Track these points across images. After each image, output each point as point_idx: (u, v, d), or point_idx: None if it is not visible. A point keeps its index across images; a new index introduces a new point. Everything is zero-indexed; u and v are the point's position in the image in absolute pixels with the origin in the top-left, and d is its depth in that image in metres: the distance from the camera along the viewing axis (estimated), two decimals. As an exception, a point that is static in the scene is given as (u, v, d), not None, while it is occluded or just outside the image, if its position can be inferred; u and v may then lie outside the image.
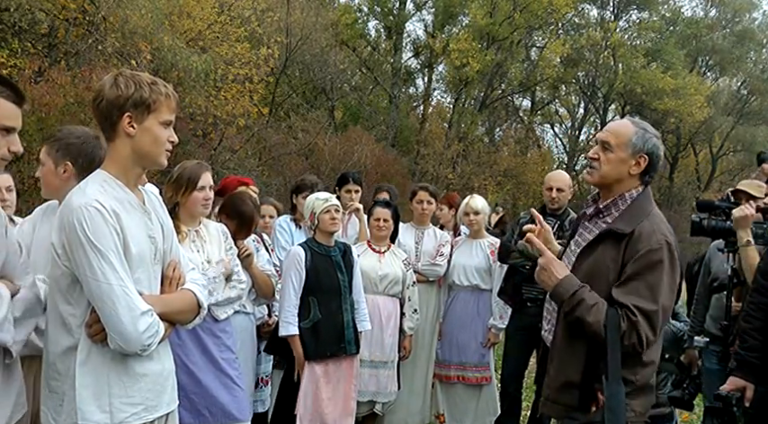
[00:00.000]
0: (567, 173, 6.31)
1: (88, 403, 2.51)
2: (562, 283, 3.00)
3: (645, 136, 3.09)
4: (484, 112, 27.25)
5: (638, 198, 3.11)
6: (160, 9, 14.12)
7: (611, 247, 3.00)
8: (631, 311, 2.87)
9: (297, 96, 22.18)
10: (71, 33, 13.82)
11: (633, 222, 3.00)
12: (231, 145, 16.77)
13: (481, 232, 6.27)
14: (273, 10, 18.56)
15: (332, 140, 19.04)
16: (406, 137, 24.51)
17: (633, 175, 3.10)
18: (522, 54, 27.74)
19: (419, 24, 28.34)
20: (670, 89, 27.10)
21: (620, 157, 3.08)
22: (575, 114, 32.91)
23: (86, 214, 2.47)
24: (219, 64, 15.68)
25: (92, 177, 2.66)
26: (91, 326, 2.53)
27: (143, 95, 2.59)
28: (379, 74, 25.50)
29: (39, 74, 12.77)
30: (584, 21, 30.23)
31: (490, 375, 6.18)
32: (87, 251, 2.46)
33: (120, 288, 2.49)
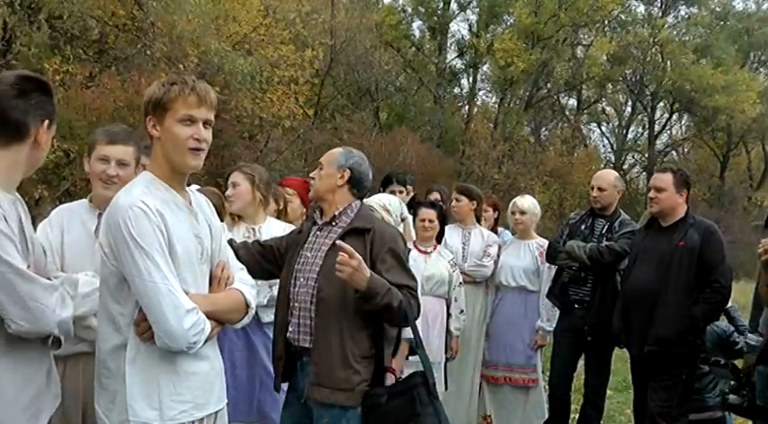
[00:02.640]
0: (615, 173, 6.21)
1: (138, 400, 2.55)
2: (373, 279, 3.34)
3: (347, 155, 3.72)
4: (529, 112, 27.05)
5: (362, 208, 3.72)
6: (207, 13, 14.27)
7: (355, 240, 3.47)
8: (412, 288, 3.53)
9: (342, 97, 22.25)
10: (121, 39, 14.08)
11: (367, 221, 3.61)
12: (277, 146, 16.90)
13: (529, 232, 6.22)
14: (318, 12, 18.63)
15: (377, 141, 19.05)
16: (451, 138, 24.43)
17: (341, 186, 3.66)
18: (568, 52, 27.45)
19: (463, 24, 28.24)
20: (720, 85, 26.55)
21: (328, 172, 3.68)
22: (622, 113, 32.51)
23: (131, 213, 2.51)
24: (265, 66, 15.81)
25: (138, 178, 2.72)
26: (139, 324, 2.56)
27: (157, 96, 2.63)
28: (423, 74, 25.47)
29: (90, 79, 13.03)
30: (630, 17, 29.77)
31: (537, 377, 6.12)
32: (132, 251, 2.50)
33: (165, 287, 2.51)
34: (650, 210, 5.19)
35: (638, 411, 5.28)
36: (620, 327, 5.17)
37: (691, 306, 4.81)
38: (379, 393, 3.42)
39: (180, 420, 2.61)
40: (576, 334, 5.70)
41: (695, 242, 4.86)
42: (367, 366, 3.44)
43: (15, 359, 2.48)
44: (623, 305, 5.16)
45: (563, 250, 5.68)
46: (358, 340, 3.43)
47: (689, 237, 4.90)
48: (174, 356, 2.60)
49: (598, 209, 5.80)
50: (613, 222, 5.69)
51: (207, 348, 2.70)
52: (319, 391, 3.41)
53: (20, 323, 2.39)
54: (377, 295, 3.31)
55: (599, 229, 5.72)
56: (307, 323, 3.52)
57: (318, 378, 3.42)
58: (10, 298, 2.37)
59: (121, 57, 14.08)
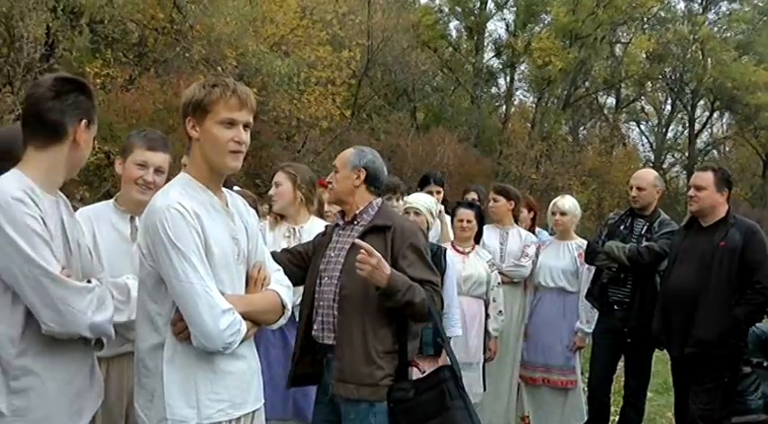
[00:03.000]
0: (654, 172, 6.14)
1: (176, 399, 2.59)
2: (394, 276, 3.37)
3: (360, 155, 3.73)
4: (567, 111, 26.81)
5: (383, 205, 3.74)
6: (245, 16, 14.39)
7: (375, 238, 3.53)
8: (434, 284, 3.57)
9: (379, 98, 22.26)
10: (160, 42, 14.26)
11: (388, 219, 3.63)
12: (315, 147, 16.97)
13: (568, 233, 6.18)
14: (355, 13, 18.67)
15: (414, 141, 19.04)
16: (488, 137, 24.33)
17: (358, 186, 3.69)
18: (607, 51, 27.15)
19: (500, 24, 28.16)
20: (763, 82, 26.04)
21: (343, 174, 3.71)
22: (661, 111, 32.08)
23: (168, 215, 2.54)
24: (302, 67, 15.88)
25: (175, 180, 2.75)
26: (175, 324, 2.60)
27: (198, 98, 2.66)
28: (460, 74, 25.38)
29: (130, 82, 13.21)
30: (670, 14, 29.33)
31: (576, 379, 6.08)
32: (169, 252, 2.53)
33: (202, 288, 2.54)
34: (690, 209, 5.12)
35: (680, 414, 5.22)
36: (660, 329, 5.11)
37: (732, 308, 4.75)
38: (405, 387, 3.47)
39: (217, 419, 2.64)
40: (615, 336, 5.65)
41: (736, 243, 4.79)
42: (390, 362, 3.48)
43: (56, 358, 2.53)
44: (663, 307, 5.10)
45: (602, 250, 5.63)
46: (381, 336, 3.48)
47: (730, 237, 4.83)
48: (212, 355, 2.63)
49: (637, 209, 5.74)
50: (653, 222, 5.63)
51: (244, 348, 2.73)
52: (344, 387, 3.47)
53: (50, 325, 2.44)
54: (397, 292, 3.35)
55: (638, 229, 5.66)
56: (330, 321, 3.59)
57: (342, 374, 3.48)
58: (42, 301, 2.42)
59: (160, 60, 14.26)
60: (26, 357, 2.46)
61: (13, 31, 11.31)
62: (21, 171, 2.53)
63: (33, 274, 2.40)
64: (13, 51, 11.44)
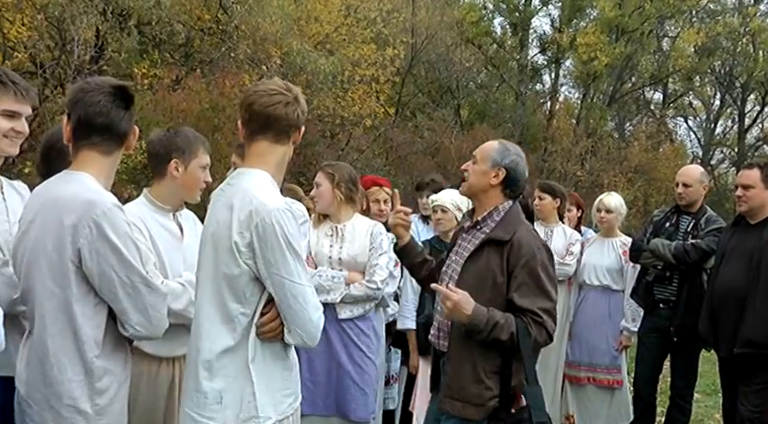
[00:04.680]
0: (700, 168, 6.05)
1: (265, 397, 2.65)
2: (475, 314, 3.21)
3: (504, 153, 3.45)
4: (613, 107, 26.49)
5: (510, 211, 3.46)
6: (289, 15, 14.49)
7: (494, 253, 3.34)
8: (536, 313, 3.25)
9: (423, 95, 22.23)
10: (206, 42, 14.42)
11: (509, 230, 3.36)
12: (358, 145, 17.01)
13: (613, 230, 6.13)
14: (399, 10, 18.66)
15: (458, 139, 18.98)
16: (533, 134, 24.13)
17: (494, 186, 3.45)
18: (654, 45, 26.76)
19: (545, 19, 27.82)
20: (815, 76, 25.50)
21: (482, 169, 3.46)
22: (710, 106, 31.45)
23: (285, 216, 2.61)
24: (346, 65, 15.93)
25: (262, 179, 2.73)
26: (266, 324, 2.64)
27: (304, 111, 2.78)
28: (505, 71, 25.22)
29: (176, 82, 13.39)
30: (720, 7, 28.73)
31: (621, 379, 6.03)
32: (285, 252, 2.59)
33: (310, 289, 2.67)
34: (739, 210, 5.03)
35: (728, 416, 5.14)
36: (707, 329, 5.03)
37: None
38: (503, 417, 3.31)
39: (287, 413, 2.74)
40: (661, 335, 5.60)
41: None
42: (497, 382, 3.31)
43: (120, 357, 2.68)
44: (711, 306, 5.02)
45: (647, 248, 5.58)
46: (488, 355, 3.30)
47: (779, 234, 4.75)
48: (284, 352, 2.72)
49: (683, 206, 5.67)
50: (699, 219, 5.56)
51: None
52: (452, 403, 3.38)
53: (138, 329, 2.59)
54: (480, 331, 3.21)
55: (684, 226, 5.60)
56: (445, 329, 3.51)
57: (450, 391, 3.39)
58: (135, 306, 2.56)
59: (206, 60, 14.41)
60: (104, 358, 2.58)
61: (65, 35, 11.54)
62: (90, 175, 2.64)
63: (132, 281, 2.54)
64: (64, 54, 11.68)
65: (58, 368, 2.53)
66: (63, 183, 2.62)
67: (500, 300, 3.30)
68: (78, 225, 2.49)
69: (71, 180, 2.62)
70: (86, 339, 2.53)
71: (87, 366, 2.54)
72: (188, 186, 3.38)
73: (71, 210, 2.51)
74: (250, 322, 2.64)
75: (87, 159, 2.66)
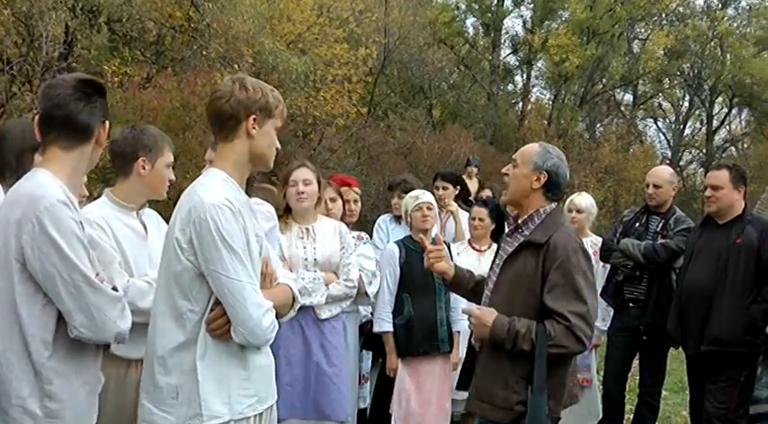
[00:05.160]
0: (669, 169, 6.12)
1: (210, 395, 2.61)
2: (495, 328, 3.19)
3: (545, 156, 3.36)
4: (584, 108, 26.69)
5: (550, 214, 3.38)
6: (261, 14, 14.41)
7: (530, 256, 3.26)
8: (564, 317, 3.12)
9: (395, 95, 22.23)
10: (177, 40, 14.31)
11: (547, 233, 3.27)
12: (330, 144, 16.97)
13: (584, 231, 6.17)
14: (371, 10, 18.65)
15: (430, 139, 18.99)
16: (504, 135, 24.23)
17: (536, 190, 3.36)
18: (624, 47, 27.03)
19: (517, 20, 27.94)
20: (783, 79, 25.87)
21: (523, 173, 3.38)
22: (679, 108, 31.81)
23: (220, 211, 2.58)
24: (319, 65, 15.88)
25: (212, 175, 2.74)
26: (213, 321, 2.62)
27: (268, 100, 2.73)
28: (477, 71, 25.31)
29: (147, 80, 13.26)
30: (689, 10, 29.08)
31: (591, 377, 6.07)
32: (221, 248, 2.56)
33: (250, 286, 2.61)
34: (708, 210, 5.09)
35: (695, 413, 5.21)
36: (675, 327, 5.10)
37: (749, 306, 4.72)
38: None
39: (247, 414, 2.69)
40: (630, 333, 5.65)
41: (753, 240, 4.76)
42: (525, 387, 3.21)
43: (80, 360, 2.59)
44: (679, 305, 5.08)
45: (617, 248, 5.62)
46: (517, 360, 3.21)
47: (747, 234, 4.80)
48: (243, 351, 2.68)
49: (653, 207, 5.73)
50: (668, 219, 5.62)
51: None
52: (479, 405, 3.36)
53: (81, 330, 2.49)
54: (502, 343, 3.18)
55: (654, 226, 5.65)
56: None
57: (478, 392, 3.37)
58: (78, 306, 2.47)
59: (178, 58, 14.29)
60: (56, 360, 2.51)
61: (33, 30, 11.39)
62: (50, 171, 2.57)
63: (74, 279, 2.45)
64: (32, 50, 11.52)
65: (6, 366, 2.47)
66: (23, 181, 2.58)
67: (535, 303, 3.22)
68: (22, 221, 2.43)
69: (30, 177, 2.57)
70: (32, 339, 2.46)
71: (36, 367, 2.47)
72: (154, 184, 3.37)
73: (17, 206, 2.46)
74: (200, 320, 2.63)
75: (50, 155, 2.61)
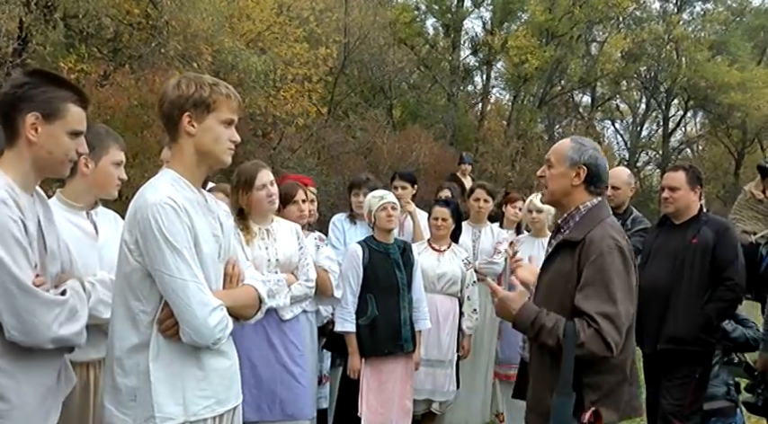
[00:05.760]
0: (627, 170, 6.19)
1: (163, 396, 2.59)
2: (520, 315, 3.07)
3: (581, 150, 3.21)
4: (543, 109, 26.91)
5: (591, 209, 3.22)
6: (221, 12, 14.31)
7: (567, 256, 3.13)
8: (593, 318, 2.94)
9: (355, 95, 22.22)
10: (135, 38, 14.12)
11: (584, 230, 3.11)
12: (290, 144, 16.89)
13: (543, 230, 6.21)
14: (332, 10, 18.62)
15: (390, 139, 19.01)
16: (464, 135, 24.34)
17: (577, 186, 3.21)
18: (582, 49, 27.30)
19: (477, 22, 28.17)
20: (736, 82, 26.29)
21: (560, 171, 3.22)
22: (636, 110, 32.28)
23: (161, 210, 2.55)
24: (279, 64, 15.82)
25: (161, 175, 2.73)
26: (163, 322, 2.59)
27: (203, 95, 2.67)
28: (437, 72, 25.38)
29: (104, 77, 13.08)
30: (645, 14, 29.51)
31: (551, 375, 6.12)
32: (162, 247, 2.53)
33: (194, 284, 2.56)
34: (664, 211, 5.15)
35: (651, 410, 5.26)
36: (632, 325, 5.15)
37: (704, 305, 4.80)
38: None
39: (203, 416, 2.67)
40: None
41: (708, 240, 4.84)
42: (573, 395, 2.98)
43: (28, 360, 2.50)
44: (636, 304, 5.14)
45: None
46: (559, 367, 2.99)
47: (702, 235, 4.87)
48: (197, 352, 2.64)
49: (613, 208, 5.78)
50: (626, 219, 5.69)
51: (226, 344, 2.76)
52: (531, 417, 3.25)
53: (12, 333, 2.42)
54: (526, 331, 3.08)
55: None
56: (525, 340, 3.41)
57: (531, 403, 3.27)
58: (7, 308, 2.39)
59: (136, 56, 14.11)
60: (4, 360, 2.44)
61: (-15, 25, 11.17)
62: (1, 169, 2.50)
63: (3, 281, 2.37)
64: (-15, 46, 11.30)
65: None
66: None
67: (569, 306, 3.05)
68: None
69: None
70: None
71: None
72: (99, 183, 3.28)
73: None
74: (152, 321, 2.61)
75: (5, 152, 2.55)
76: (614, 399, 3.08)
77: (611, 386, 3.09)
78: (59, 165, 2.62)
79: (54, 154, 2.57)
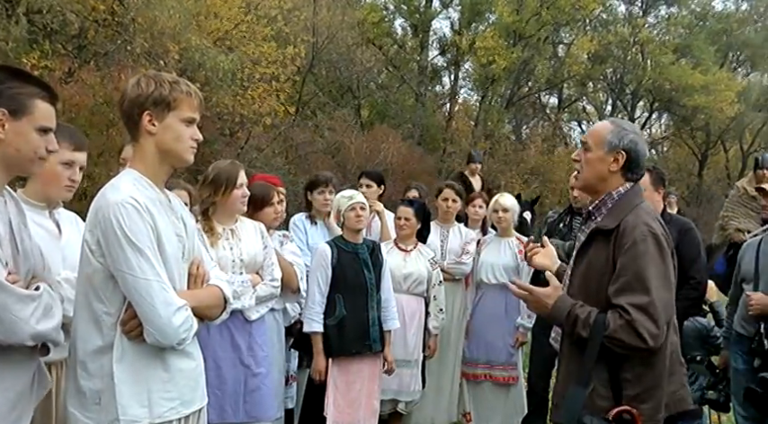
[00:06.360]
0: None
1: (128, 399, 2.56)
2: (554, 309, 2.99)
3: (621, 134, 3.06)
4: (510, 110, 27.06)
5: (625, 195, 3.09)
6: (188, 9, 14.20)
7: (601, 245, 3.01)
8: (625, 310, 2.83)
9: (323, 95, 22.17)
10: (100, 34, 13.95)
11: (618, 217, 2.99)
12: (258, 143, 16.82)
13: (509, 230, 6.26)
14: (300, 9, 18.56)
15: (358, 138, 19.01)
16: (432, 135, 24.41)
17: (614, 172, 3.07)
18: (549, 51, 27.50)
19: (445, 22, 28.20)
20: (699, 85, 26.66)
21: (597, 156, 3.08)
22: (602, 111, 32.55)
23: (123, 210, 2.52)
24: (246, 63, 15.73)
25: (123, 175, 2.70)
26: (127, 323, 2.56)
27: (162, 93, 2.64)
28: (405, 72, 25.40)
29: (69, 74, 12.90)
30: (611, 17, 29.83)
31: (517, 375, 6.17)
32: (125, 247, 2.50)
33: (158, 284, 2.54)
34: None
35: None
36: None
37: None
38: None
39: (168, 418, 2.64)
40: (554, 331, 5.73)
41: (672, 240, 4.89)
42: (596, 388, 2.90)
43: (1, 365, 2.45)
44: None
45: (541, 248, 5.70)
46: (584, 357, 2.91)
47: (666, 235, 4.93)
48: (162, 353, 2.62)
49: (577, 208, 5.84)
50: (591, 220, 5.73)
51: (191, 345, 2.73)
52: (557, 413, 3.15)
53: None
54: (561, 324, 2.99)
55: (577, 227, 5.76)
56: (557, 330, 3.29)
57: (557, 397, 3.16)
58: None
59: (101, 53, 13.95)
60: None
61: (-55, 21, 10.97)
62: None
63: None
64: (-56, 41, 11.10)
65: None
66: None
67: (606, 295, 2.94)
68: None
69: None
70: None
71: None
72: (47, 182, 3.19)
73: None
74: (116, 322, 2.58)
75: None
76: (656, 394, 2.94)
77: (652, 382, 2.94)
78: (28, 163, 2.57)
79: (22, 152, 2.51)
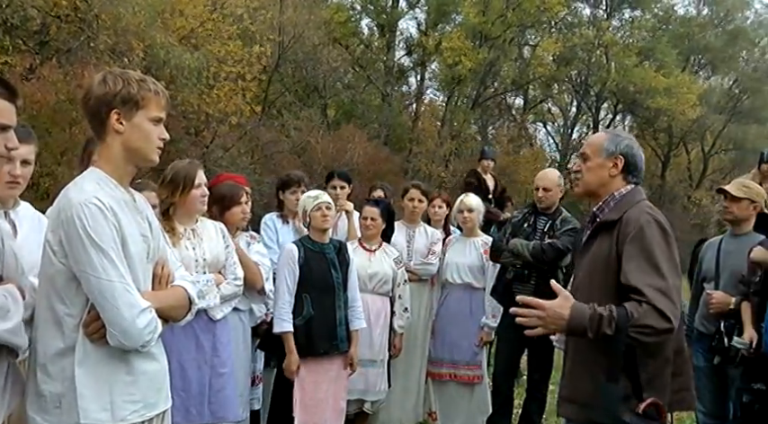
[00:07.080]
0: (557, 172, 6.30)
1: (89, 402, 2.51)
2: (572, 318, 2.90)
3: (616, 140, 3.22)
4: (476, 111, 27.19)
5: (627, 194, 3.20)
6: (153, 6, 14.08)
7: (605, 238, 3.10)
8: (641, 292, 2.84)
9: (289, 94, 22.11)
10: (63, 30, 13.75)
11: (621, 211, 3.10)
12: (224, 143, 16.73)
13: (475, 230, 6.28)
14: (266, 8, 18.48)
15: (324, 138, 19.01)
16: (398, 135, 24.46)
17: (615, 176, 3.21)
18: (515, 52, 27.69)
19: (412, 22, 28.27)
20: (662, 88, 27.07)
21: (597, 163, 3.22)
22: (567, 112, 32.90)
23: (86, 210, 2.47)
24: (212, 62, 15.65)
25: (87, 175, 2.65)
26: (89, 325, 2.51)
27: (131, 91, 2.59)
28: (371, 72, 25.43)
29: (30, 71, 12.72)
30: (576, 19, 30.19)
31: (482, 374, 6.19)
32: (88, 248, 2.46)
33: (122, 285, 2.49)
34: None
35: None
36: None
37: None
38: None
39: (131, 420, 2.60)
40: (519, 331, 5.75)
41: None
42: (621, 381, 2.89)
43: None
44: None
45: (507, 248, 5.75)
46: (608, 352, 2.89)
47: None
48: (125, 356, 2.57)
49: (542, 208, 5.89)
50: (555, 219, 5.80)
51: (155, 347, 2.69)
52: (564, 407, 3.17)
53: None
54: (585, 331, 2.87)
55: (541, 227, 5.82)
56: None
57: (563, 390, 3.18)
58: None
59: (64, 50, 13.77)
60: None
61: None
62: None
63: None
64: None
65: None
66: None
67: (612, 285, 2.98)
68: None
69: None
70: None
71: None
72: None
73: None
74: (78, 324, 2.53)
75: None
76: (657, 385, 2.97)
77: (654, 371, 2.98)
78: None
79: None
